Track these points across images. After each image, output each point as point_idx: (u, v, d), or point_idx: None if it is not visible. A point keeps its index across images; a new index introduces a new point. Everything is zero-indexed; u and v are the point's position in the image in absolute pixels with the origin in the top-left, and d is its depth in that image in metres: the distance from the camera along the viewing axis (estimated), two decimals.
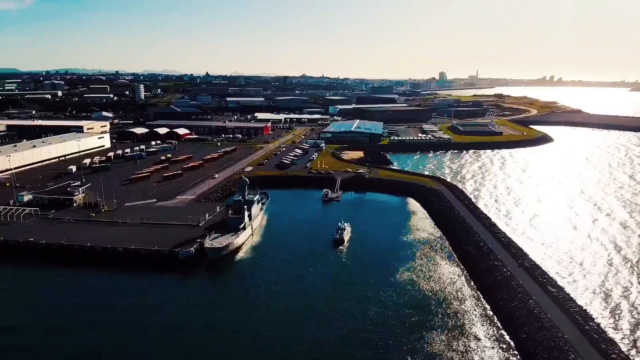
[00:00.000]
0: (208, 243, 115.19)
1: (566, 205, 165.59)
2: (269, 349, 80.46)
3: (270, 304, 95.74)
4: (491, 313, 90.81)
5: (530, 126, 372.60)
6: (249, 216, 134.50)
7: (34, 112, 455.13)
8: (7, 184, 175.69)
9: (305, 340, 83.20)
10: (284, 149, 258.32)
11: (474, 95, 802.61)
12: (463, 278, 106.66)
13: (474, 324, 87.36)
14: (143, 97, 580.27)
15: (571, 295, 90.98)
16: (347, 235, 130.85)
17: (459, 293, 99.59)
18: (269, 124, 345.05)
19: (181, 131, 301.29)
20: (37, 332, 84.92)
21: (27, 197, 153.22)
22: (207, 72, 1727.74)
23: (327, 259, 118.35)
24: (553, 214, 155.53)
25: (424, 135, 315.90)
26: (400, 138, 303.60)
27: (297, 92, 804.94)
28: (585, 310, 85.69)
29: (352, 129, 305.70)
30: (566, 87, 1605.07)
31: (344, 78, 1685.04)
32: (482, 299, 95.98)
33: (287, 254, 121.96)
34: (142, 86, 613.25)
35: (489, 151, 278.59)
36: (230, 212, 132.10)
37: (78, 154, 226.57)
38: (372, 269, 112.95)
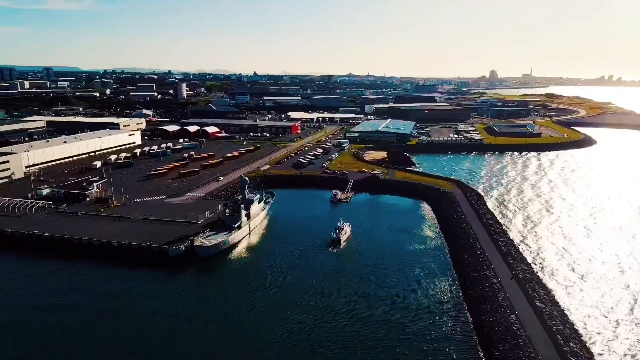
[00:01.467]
0: (198, 241, 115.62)
1: (589, 215, 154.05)
2: (241, 344, 79.53)
3: (252, 299, 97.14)
4: (471, 326, 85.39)
5: (574, 128, 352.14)
6: (247, 215, 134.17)
7: (81, 109, 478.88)
8: (33, 178, 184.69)
9: (280, 335, 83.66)
10: (306, 148, 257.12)
11: (523, 95, 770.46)
12: (453, 287, 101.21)
13: (450, 338, 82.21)
14: (185, 96, 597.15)
15: (558, 313, 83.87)
16: (345, 235, 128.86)
17: (444, 303, 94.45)
18: (298, 123, 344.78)
19: (210, 129, 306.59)
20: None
21: (45, 191, 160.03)
22: (254, 72, 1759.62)
23: (319, 259, 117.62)
24: (572, 223, 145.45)
25: (456, 135, 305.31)
26: (429, 138, 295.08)
27: (338, 90, 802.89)
28: (570, 329, 78.77)
29: (379, 129, 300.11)
30: (626, 87, 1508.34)
31: (390, 77, 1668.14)
32: (466, 311, 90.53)
33: (280, 252, 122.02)
34: (184, 85, 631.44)
35: (523, 154, 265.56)
36: (227, 210, 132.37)
37: (107, 150, 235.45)
38: (360, 272, 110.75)
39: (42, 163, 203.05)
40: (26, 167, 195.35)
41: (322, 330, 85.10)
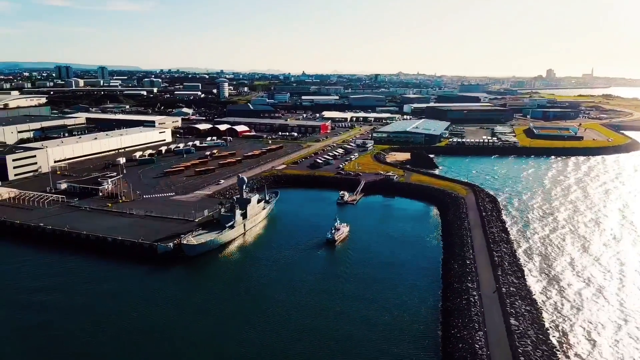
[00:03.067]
0: (185, 239, 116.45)
1: (610, 230, 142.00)
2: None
3: (230, 296, 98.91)
4: (439, 341, 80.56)
5: (622, 131, 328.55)
6: (244, 215, 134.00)
7: (127, 107, 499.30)
8: (58, 172, 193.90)
9: (251, 333, 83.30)
10: (329, 148, 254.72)
11: (578, 96, 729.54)
12: (435, 297, 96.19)
13: (414, 352, 78.00)
14: (227, 95, 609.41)
15: (534, 333, 77.21)
16: (340, 236, 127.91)
17: (420, 314, 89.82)
18: (328, 123, 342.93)
19: (239, 128, 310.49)
20: None
21: (63, 186, 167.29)
22: (303, 71, 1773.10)
23: (308, 258, 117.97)
24: (588, 236, 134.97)
25: (491, 137, 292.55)
26: (461, 140, 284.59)
27: (381, 90, 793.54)
28: (542, 352, 72.26)
29: (408, 129, 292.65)
30: None
31: (440, 75, 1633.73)
32: (439, 324, 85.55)
33: (272, 252, 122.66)
34: (226, 84, 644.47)
35: (558, 157, 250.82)
36: (222, 209, 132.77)
37: (134, 147, 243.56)
38: (345, 274, 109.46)
39: (70, 158, 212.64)
40: (55, 161, 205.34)
41: (290, 327, 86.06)
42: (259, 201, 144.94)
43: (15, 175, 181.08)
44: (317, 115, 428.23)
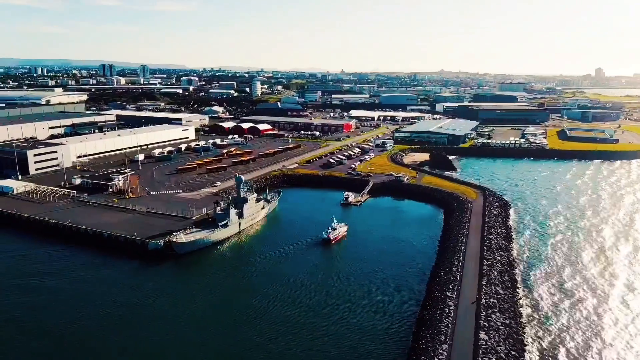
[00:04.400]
0: (175, 237, 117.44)
1: (626, 241, 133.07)
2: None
3: (213, 294, 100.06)
4: (407, 352, 77.27)
5: None
6: (240, 214, 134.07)
7: (162, 104, 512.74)
8: (78, 167, 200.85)
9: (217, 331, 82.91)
10: (347, 147, 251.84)
11: (626, 96, 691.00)
12: (414, 306, 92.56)
13: None
14: (259, 94, 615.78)
15: (504, 349, 72.60)
16: (336, 236, 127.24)
17: (394, 323, 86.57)
18: (352, 122, 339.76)
19: (262, 126, 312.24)
20: None
21: (77, 181, 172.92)
22: (342, 70, 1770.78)
23: (300, 258, 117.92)
24: (599, 247, 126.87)
25: (518, 139, 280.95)
26: (485, 141, 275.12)
27: (418, 88, 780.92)
28: None
29: (431, 129, 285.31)
30: None
31: (484, 74, 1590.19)
32: (411, 335, 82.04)
33: (265, 251, 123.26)
34: (259, 83, 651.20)
35: (588, 161, 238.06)
36: (218, 208, 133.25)
37: (155, 144, 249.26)
38: (333, 276, 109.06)
39: (91, 154, 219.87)
40: (77, 157, 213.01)
41: (257, 327, 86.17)
42: (258, 200, 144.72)
43: (36, 169, 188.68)
44: (345, 114, 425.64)
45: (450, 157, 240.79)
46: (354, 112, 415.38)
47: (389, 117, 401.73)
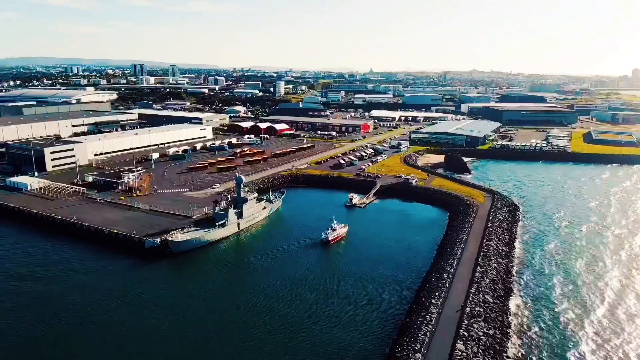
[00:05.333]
0: (171, 236, 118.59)
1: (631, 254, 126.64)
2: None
3: (209, 291, 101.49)
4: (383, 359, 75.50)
5: None
6: (240, 214, 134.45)
7: (188, 103, 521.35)
8: (94, 165, 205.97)
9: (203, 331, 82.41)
10: (361, 147, 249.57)
11: None
12: (399, 313, 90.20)
13: None
14: (283, 93, 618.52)
15: (478, 359, 69.99)
16: (336, 237, 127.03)
17: (374, 332, 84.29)
18: (370, 122, 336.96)
19: (279, 126, 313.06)
20: None
21: (89, 178, 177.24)
22: (370, 69, 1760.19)
23: (298, 257, 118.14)
24: (605, 263, 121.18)
25: (541, 141, 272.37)
26: (504, 143, 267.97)
27: (447, 88, 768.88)
28: None
29: (449, 131, 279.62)
30: None
31: (516, 73, 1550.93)
32: (390, 342, 79.98)
33: (263, 250, 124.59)
34: (282, 83, 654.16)
35: (608, 165, 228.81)
36: (217, 208, 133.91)
37: (171, 143, 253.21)
38: (324, 277, 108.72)
39: (109, 152, 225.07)
40: (95, 155, 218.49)
41: (242, 327, 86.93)
42: (259, 200, 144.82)
43: (53, 166, 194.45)
44: (366, 114, 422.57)
45: (467, 160, 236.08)
46: (374, 112, 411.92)
47: (410, 118, 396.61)
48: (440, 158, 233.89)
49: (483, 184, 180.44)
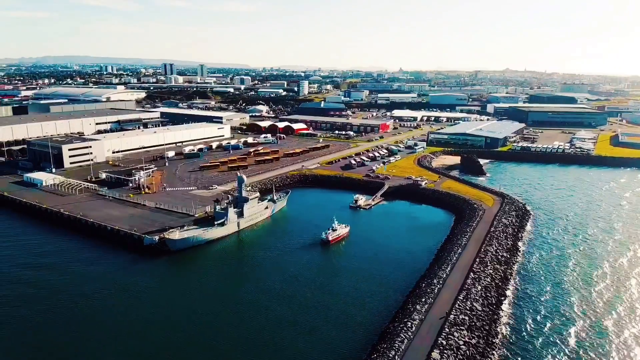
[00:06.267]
0: (169, 234, 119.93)
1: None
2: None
3: (203, 288, 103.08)
4: None
5: None
6: (240, 213, 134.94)
7: (213, 102, 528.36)
8: (110, 162, 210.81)
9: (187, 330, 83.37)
10: (376, 147, 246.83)
11: None
12: (385, 317, 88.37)
13: None
14: (306, 93, 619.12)
15: None
16: (336, 237, 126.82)
17: (355, 340, 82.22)
18: (390, 122, 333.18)
19: (296, 126, 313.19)
20: None
21: (102, 175, 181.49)
22: (400, 68, 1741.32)
23: (296, 257, 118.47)
24: (613, 275, 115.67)
25: (563, 143, 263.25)
26: (525, 145, 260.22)
27: (477, 87, 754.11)
28: None
29: (468, 132, 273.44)
30: None
31: (551, 73, 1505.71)
32: (369, 349, 78.30)
33: (261, 249, 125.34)
34: (305, 82, 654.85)
35: (633, 169, 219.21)
36: (218, 207, 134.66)
37: (188, 142, 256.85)
38: (317, 277, 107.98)
39: (126, 150, 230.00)
40: (113, 152, 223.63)
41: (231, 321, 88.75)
42: (261, 200, 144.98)
43: (71, 163, 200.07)
44: (388, 113, 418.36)
45: (484, 161, 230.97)
46: (396, 112, 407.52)
47: (432, 118, 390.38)
48: (457, 159, 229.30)
49: (495, 187, 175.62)
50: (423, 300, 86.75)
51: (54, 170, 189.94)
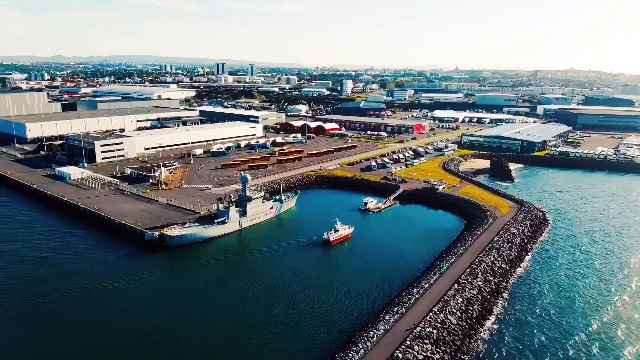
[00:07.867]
0: (168, 230, 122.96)
1: None
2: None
3: (198, 285, 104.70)
4: None
5: None
6: (243, 212, 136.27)
7: (256, 102, 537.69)
8: (140, 159, 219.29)
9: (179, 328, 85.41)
10: (403, 149, 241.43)
11: None
12: (356, 325, 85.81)
13: None
14: (349, 92, 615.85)
15: None
16: (337, 238, 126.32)
17: (326, 340, 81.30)
18: (425, 122, 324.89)
19: (328, 125, 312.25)
20: None
21: (127, 171, 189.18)
22: (456, 67, 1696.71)
23: (294, 256, 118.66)
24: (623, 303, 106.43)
25: (609, 149, 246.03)
26: (564, 150, 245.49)
27: (533, 87, 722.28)
28: None
29: (504, 135, 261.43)
30: None
31: (617, 74, 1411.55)
32: (330, 355, 76.65)
33: (261, 248, 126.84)
34: (349, 82, 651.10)
35: None
36: (221, 205, 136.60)
37: (218, 140, 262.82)
38: (312, 277, 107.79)
39: (157, 147, 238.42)
40: (145, 149, 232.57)
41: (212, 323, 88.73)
42: (265, 200, 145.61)
43: (103, 159, 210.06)
44: (429, 114, 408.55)
45: (518, 166, 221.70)
46: (437, 112, 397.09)
47: (475, 119, 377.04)
48: (486, 163, 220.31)
49: (517, 193, 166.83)
50: (395, 309, 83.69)
51: (85, 164, 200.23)
